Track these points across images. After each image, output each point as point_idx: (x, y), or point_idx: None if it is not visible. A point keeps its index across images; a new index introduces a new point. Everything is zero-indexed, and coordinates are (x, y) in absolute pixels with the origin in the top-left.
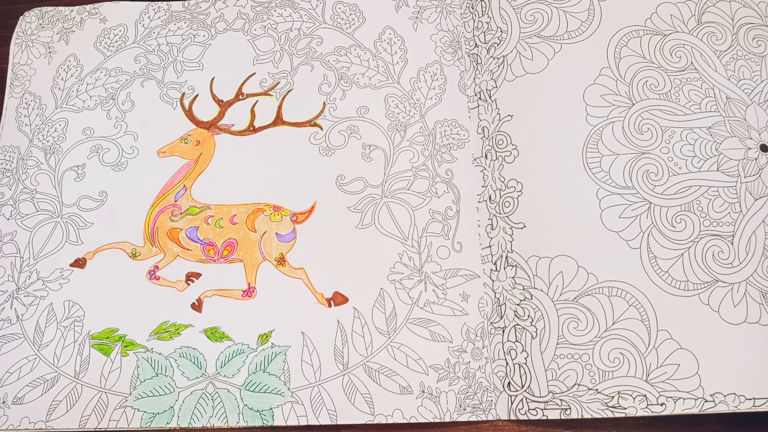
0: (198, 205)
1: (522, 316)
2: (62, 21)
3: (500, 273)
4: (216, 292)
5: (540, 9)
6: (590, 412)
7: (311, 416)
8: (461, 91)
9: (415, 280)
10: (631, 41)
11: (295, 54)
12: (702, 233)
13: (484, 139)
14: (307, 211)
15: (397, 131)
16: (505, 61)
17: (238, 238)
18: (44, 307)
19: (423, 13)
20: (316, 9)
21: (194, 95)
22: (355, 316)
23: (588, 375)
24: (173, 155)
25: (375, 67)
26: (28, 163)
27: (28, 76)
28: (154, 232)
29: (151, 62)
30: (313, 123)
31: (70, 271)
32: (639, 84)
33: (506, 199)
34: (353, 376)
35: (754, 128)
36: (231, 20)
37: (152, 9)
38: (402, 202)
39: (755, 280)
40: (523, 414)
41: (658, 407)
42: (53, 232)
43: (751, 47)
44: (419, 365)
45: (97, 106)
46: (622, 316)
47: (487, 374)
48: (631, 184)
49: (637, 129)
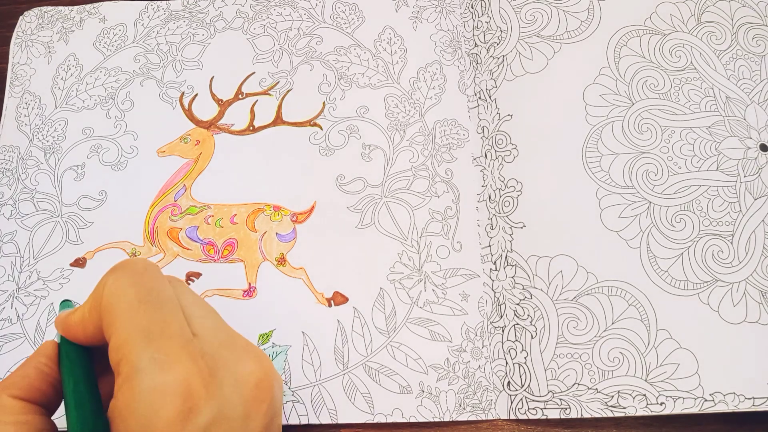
0: (198, 205)
1: (522, 315)
2: (62, 21)
3: (500, 272)
4: (216, 292)
5: (540, 9)
6: (590, 412)
7: (312, 415)
8: (461, 91)
9: (414, 280)
10: (630, 41)
11: (295, 53)
12: (702, 233)
13: (483, 138)
14: (307, 211)
15: (397, 131)
16: (505, 60)
17: (238, 237)
18: (45, 307)
19: (423, 12)
20: (316, 8)
21: (194, 95)
22: (355, 316)
23: (588, 374)
24: (173, 155)
25: (375, 67)
26: (27, 163)
27: (27, 75)
28: (154, 232)
29: (150, 61)
30: (312, 123)
31: (71, 271)
32: (639, 83)
33: (506, 199)
34: (353, 376)
35: (753, 128)
36: (230, 19)
37: (151, 8)
38: (402, 202)
39: (755, 280)
40: (523, 413)
41: (657, 407)
42: (53, 232)
43: (751, 47)
44: (419, 365)
45: (96, 106)
46: (622, 315)
47: (487, 374)
48: (631, 184)
49: (637, 128)
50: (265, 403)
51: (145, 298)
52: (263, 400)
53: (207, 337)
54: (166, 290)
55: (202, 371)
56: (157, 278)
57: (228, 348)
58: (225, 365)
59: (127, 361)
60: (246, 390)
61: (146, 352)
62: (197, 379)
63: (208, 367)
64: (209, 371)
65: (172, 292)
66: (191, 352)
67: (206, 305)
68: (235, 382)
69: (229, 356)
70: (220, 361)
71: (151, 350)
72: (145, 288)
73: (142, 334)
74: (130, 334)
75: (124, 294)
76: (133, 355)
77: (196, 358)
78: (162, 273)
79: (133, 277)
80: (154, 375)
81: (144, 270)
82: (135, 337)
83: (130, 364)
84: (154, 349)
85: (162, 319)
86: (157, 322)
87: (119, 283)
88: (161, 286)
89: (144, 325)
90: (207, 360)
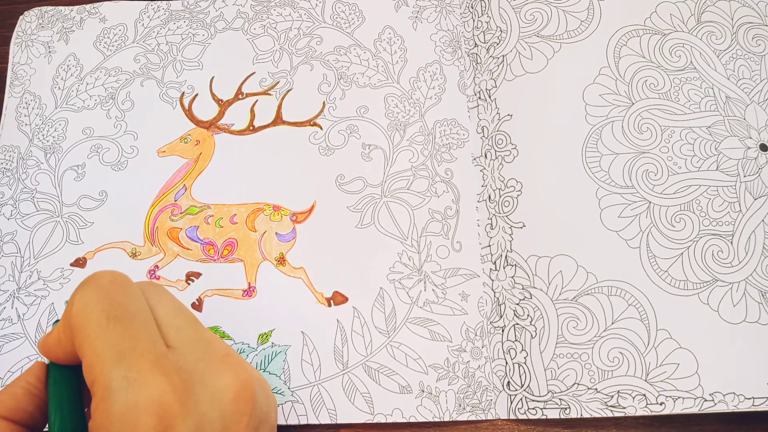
0: (198, 205)
1: (521, 315)
2: (62, 20)
3: (500, 272)
4: (216, 292)
5: (539, 8)
6: (590, 412)
7: (311, 415)
8: (461, 91)
9: (414, 280)
10: (630, 41)
11: (295, 53)
12: (701, 233)
13: (483, 138)
14: (307, 211)
15: (397, 131)
16: (505, 60)
17: (238, 237)
18: (45, 307)
19: (422, 12)
20: (316, 8)
21: (194, 95)
22: (354, 316)
23: (587, 374)
24: (173, 155)
25: (375, 67)
26: (28, 163)
27: (27, 75)
28: (154, 232)
29: (150, 61)
30: (312, 122)
31: (71, 271)
32: (638, 83)
33: (506, 199)
34: (353, 376)
35: (753, 127)
36: (230, 19)
37: (152, 8)
38: (401, 202)
39: (755, 280)
40: (523, 413)
41: (657, 406)
42: (53, 232)
43: (751, 46)
44: (419, 365)
45: (96, 106)
46: (622, 315)
47: (487, 374)
48: (631, 184)
49: (637, 128)
50: (246, 415)
51: (113, 313)
52: (243, 413)
53: (182, 349)
54: (135, 302)
55: (176, 388)
56: (125, 290)
57: (204, 360)
58: (201, 379)
59: (99, 382)
60: (224, 404)
61: (118, 371)
62: (172, 396)
63: (183, 383)
64: (184, 387)
65: (143, 303)
66: (165, 368)
67: (184, 312)
68: (213, 397)
69: (205, 369)
70: (195, 375)
71: (123, 369)
72: (113, 303)
73: (113, 353)
74: (101, 353)
75: (91, 311)
76: (104, 375)
77: (170, 374)
78: (131, 282)
79: (99, 293)
80: (127, 395)
81: (110, 283)
82: (105, 356)
83: (103, 384)
84: (125, 367)
85: (132, 335)
86: (127, 338)
87: (85, 300)
88: (130, 299)
89: (114, 342)
90: (182, 375)
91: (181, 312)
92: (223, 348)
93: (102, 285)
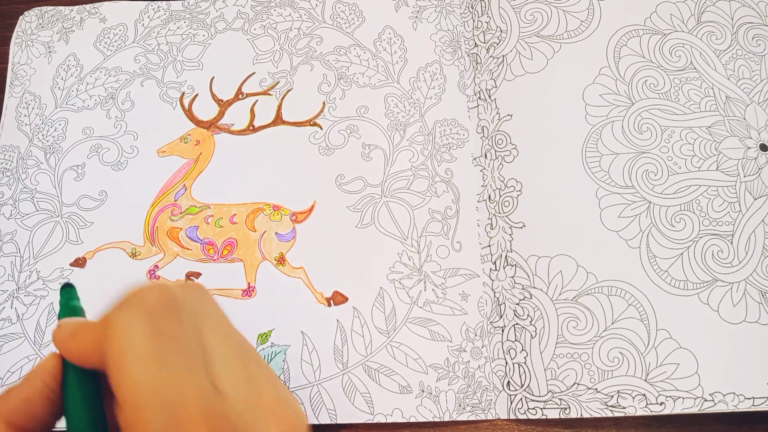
0: (198, 205)
1: (521, 315)
2: (62, 21)
3: (500, 272)
4: (216, 292)
5: (539, 8)
6: (589, 412)
7: (311, 415)
8: (461, 91)
9: (414, 280)
10: (630, 41)
11: (295, 53)
12: (701, 233)
13: (483, 138)
14: (307, 211)
15: (397, 131)
16: (505, 60)
17: (237, 237)
18: (45, 307)
19: (422, 12)
20: (316, 8)
21: (194, 95)
22: (354, 316)
23: (587, 374)
24: (173, 155)
25: (375, 67)
26: (28, 163)
27: (27, 75)
28: (153, 232)
29: (150, 62)
30: (312, 122)
31: (71, 271)
32: (638, 83)
33: (506, 199)
34: (353, 376)
35: (753, 127)
36: (231, 20)
37: (152, 8)
38: (401, 202)
39: (754, 280)
40: (523, 413)
41: (657, 406)
42: (53, 232)
43: (751, 46)
44: (419, 365)
45: (96, 106)
46: (622, 315)
47: (487, 374)
48: (631, 184)
49: (637, 128)
50: None
51: (160, 350)
52: None
53: (230, 393)
54: (183, 332)
55: None
56: (173, 314)
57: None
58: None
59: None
60: None
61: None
62: None
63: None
64: None
65: (192, 334)
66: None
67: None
68: None
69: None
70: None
71: (164, 417)
72: (160, 335)
73: (154, 399)
74: (141, 399)
75: (133, 340)
76: (142, 424)
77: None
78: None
79: (146, 321)
80: None
81: (156, 306)
82: (146, 404)
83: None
84: (166, 416)
85: (178, 378)
86: (172, 383)
87: (127, 323)
88: (178, 328)
89: (157, 388)
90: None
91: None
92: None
93: (148, 308)
